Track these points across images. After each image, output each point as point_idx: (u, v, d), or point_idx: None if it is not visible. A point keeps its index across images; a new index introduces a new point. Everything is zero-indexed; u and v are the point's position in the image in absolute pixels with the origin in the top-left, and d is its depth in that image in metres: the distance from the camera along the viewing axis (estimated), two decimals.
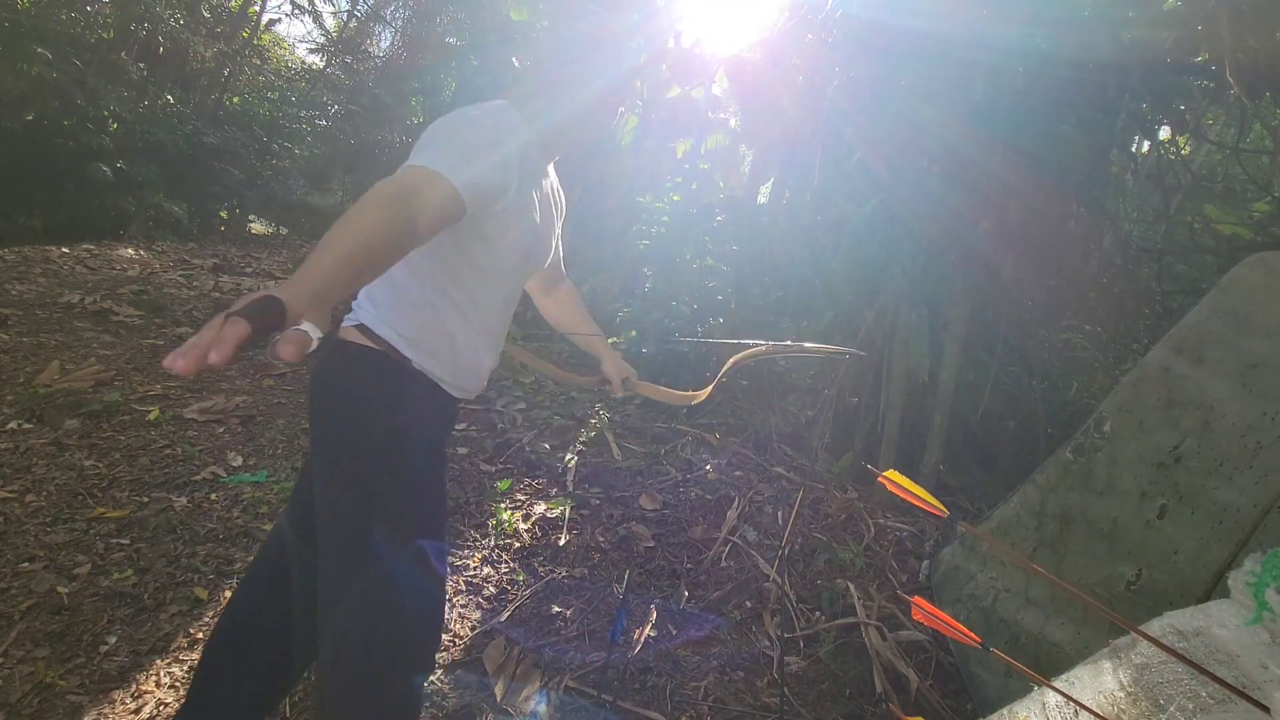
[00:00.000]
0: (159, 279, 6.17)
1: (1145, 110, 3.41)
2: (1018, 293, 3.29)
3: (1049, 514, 1.99)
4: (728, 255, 4.62)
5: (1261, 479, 1.49)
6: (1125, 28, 2.86)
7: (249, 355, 4.36)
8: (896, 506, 2.97)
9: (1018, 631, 1.90)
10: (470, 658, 1.88)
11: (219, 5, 11.31)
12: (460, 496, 2.72)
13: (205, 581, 2.06)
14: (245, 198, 10.67)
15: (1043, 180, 2.98)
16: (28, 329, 4.12)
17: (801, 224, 4.08)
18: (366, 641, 1.09)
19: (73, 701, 1.58)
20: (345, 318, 1.22)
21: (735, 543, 2.56)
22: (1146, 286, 3.52)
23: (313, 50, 14.56)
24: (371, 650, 1.09)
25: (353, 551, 1.11)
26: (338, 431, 1.15)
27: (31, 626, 1.78)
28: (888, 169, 3.18)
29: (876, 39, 3.34)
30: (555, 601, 2.15)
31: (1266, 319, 1.62)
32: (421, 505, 1.16)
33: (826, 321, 3.62)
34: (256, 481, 2.67)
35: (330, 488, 1.15)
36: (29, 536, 2.13)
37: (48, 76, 7.29)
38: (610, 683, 1.84)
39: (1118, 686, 0.92)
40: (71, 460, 2.62)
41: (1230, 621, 0.88)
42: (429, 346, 1.18)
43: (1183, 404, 1.71)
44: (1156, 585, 1.61)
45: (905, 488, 0.80)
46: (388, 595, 1.10)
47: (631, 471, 3.08)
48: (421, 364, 1.17)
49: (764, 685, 1.93)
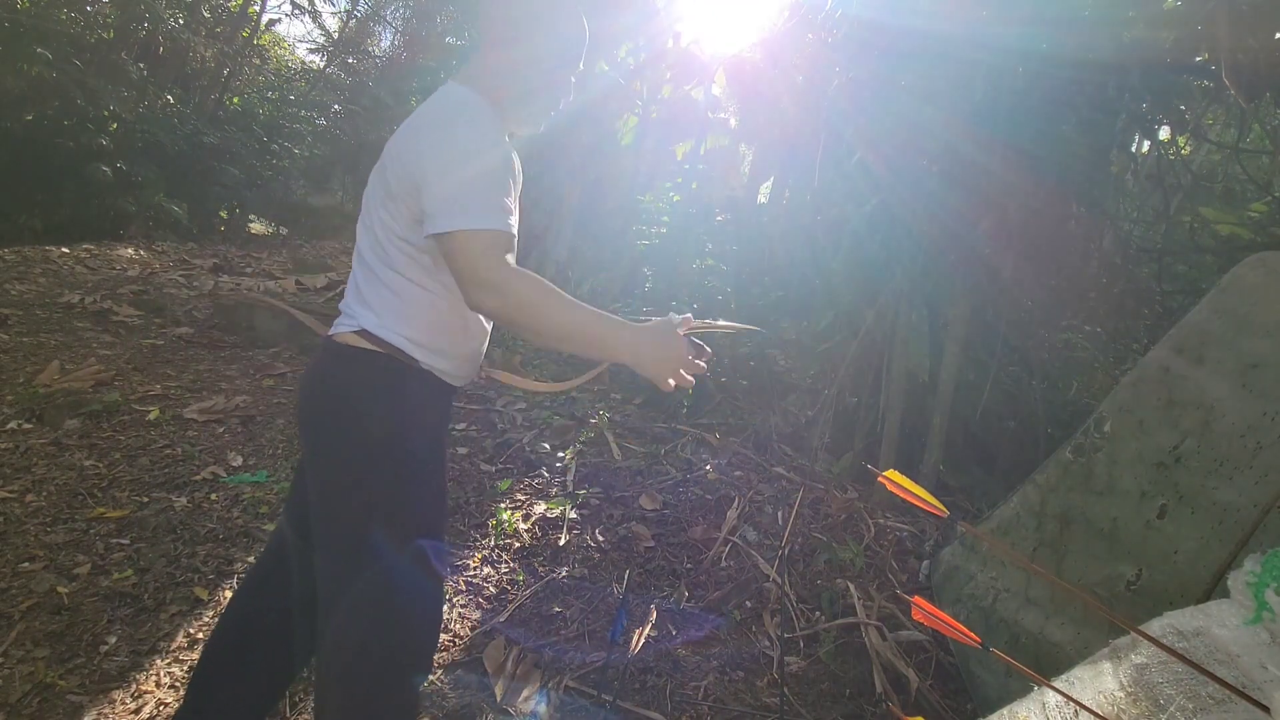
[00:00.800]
0: (159, 279, 6.17)
1: (1145, 110, 3.41)
2: (1018, 293, 3.29)
3: (1049, 514, 1.99)
4: (728, 255, 4.62)
5: (1261, 479, 1.49)
6: (1125, 28, 2.86)
7: (248, 355, 4.36)
8: (896, 506, 2.97)
9: (1018, 631, 1.90)
10: (470, 658, 1.88)
11: (219, 5, 11.31)
12: (460, 496, 2.72)
13: (205, 581, 2.06)
14: (245, 198, 10.67)
15: (1043, 180, 2.98)
16: (28, 329, 4.13)
17: (801, 224, 4.09)
18: (365, 642, 1.10)
19: (73, 701, 1.58)
20: (338, 323, 1.20)
21: (735, 543, 2.56)
22: (1146, 286, 3.52)
23: (313, 50, 14.57)
24: (369, 651, 1.10)
25: (353, 553, 1.12)
26: (338, 434, 1.14)
27: (31, 626, 1.78)
28: (888, 169, 3.18)
29: (876, 39, 3.34)
30: (555, 601, 2.15)
31: (1266, 319, 1.62)
32: (422, 505, 1.16)
33: (826, 321, 3.62)
34: (256, 481, 2.67)
35: (330, 490, 1.15)
36: (29, 536, 2.13)
37: (48, 76, 7.29)
38: (610, 683, 1.84)
39: (1118, 686, 0.92)
40: (71, 460, 2.62)
41: (1230, 621, 0.88)
42: (435, 344, 1.18)
43: (1183, 404, 1.71)
44: (1156, 585, 1.61)
45: (905, 488, 0.80)
46: (386, 596, 1.10)
47: (631, 471, 3.08)
48: (429, 363, 1.17)
49: (764, 685, 1.93)
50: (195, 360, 4.09)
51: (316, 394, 1.18)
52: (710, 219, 4.87)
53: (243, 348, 4.47)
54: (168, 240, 8.59)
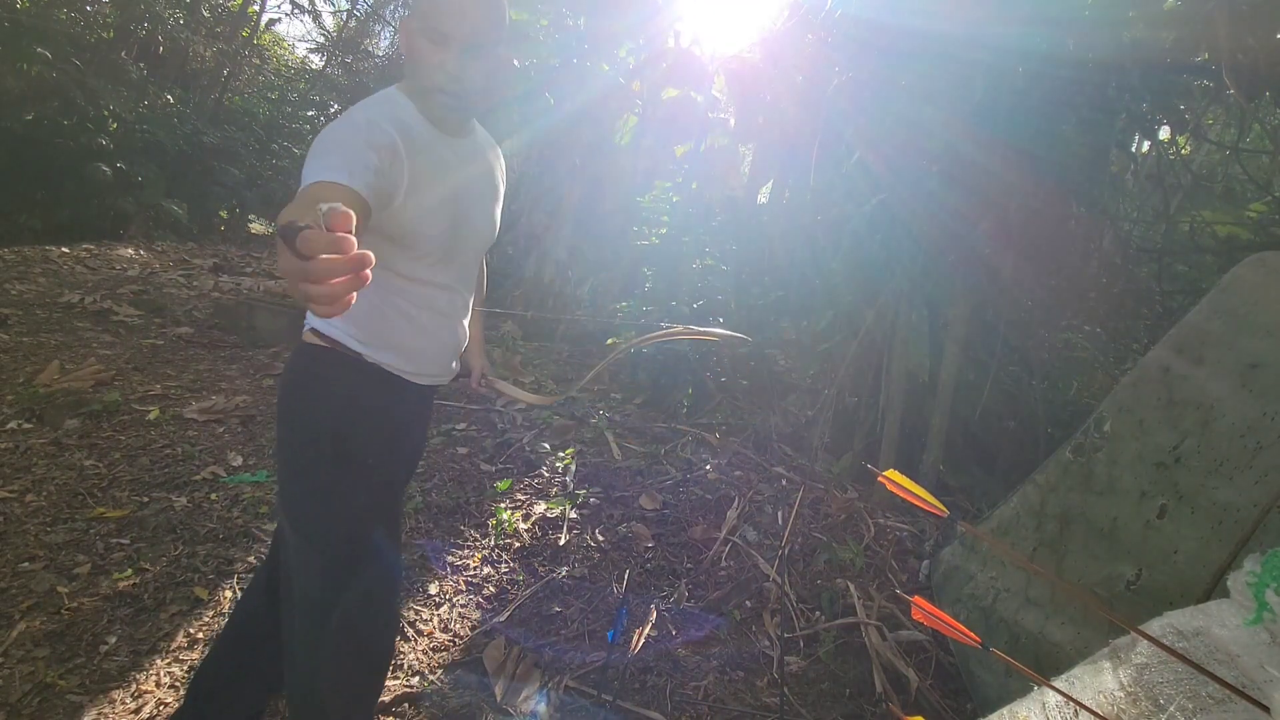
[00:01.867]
0: (159, 279, 6.17)
1: (1145, 110, 3.41)
2: (1018, 293, 3.29)
3: (1049, 514, 1.99)
4: (728, 255, 4.61)
5: (1261, 479, 1.48)
6: (1125, 27, 2.85)
7: (248, 355, 4.36)
8: (896, 506, 2.97)
9: (1018, 631, 1.90)
10: (470, 658, 1.88)
11: (219, 5, 11.31)
12: (460, 496, 2.72)
13: (205, 581, 2.06)
14: (245, 198, 10.67)
15: (1043, 180, 2.97)
16: (28, 329, 4.13)
17: (801, 224, 4.08)
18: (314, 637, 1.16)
19: (73, 701, 1.58)
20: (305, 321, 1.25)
21: (735, 543, 2.56)
22: (1146, 286, 3.51)
23: (312, 50, 14.57)
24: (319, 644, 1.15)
25: (299, 540, 1.18)
26: (285, 425, 1.20)
27: (31, 626, 1.78)
28: (888, 169, 3.18)
29: (876, 39, 3.34)
30: (555, 601, 2.15)
31: (1266, 319, 1.62)
32: (360, 498, 1.19)
33: (826, 321, 3.62)
34: (256, 481, 2.67)
35: (280, 477, 1.22)
36: (29, 536, 2.13)
37: (48, 76, 7.30)
38: (610, 683, 1.84)
39: (1118, 686, 0.92)
40: (71, 460, 2.62)
41: (1230, 621, 0.88)
42: (378, 338, 1.18)
43: (1183, 404, 1.71)
44: (1156, 585, 1.61)
45: (905, 488, 0.80)
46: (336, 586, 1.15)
47: (631, 471, 3.08)
48: (376, 357, 1.19)
49: (764, 685, 1.93)
50: (195, 360, 4.09)
51: (278, 388, 1.24)
52: (710, 219, 4.86)
53: (243, 348, 4.47)
54: (168, 240, 8.59)
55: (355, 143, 1.02)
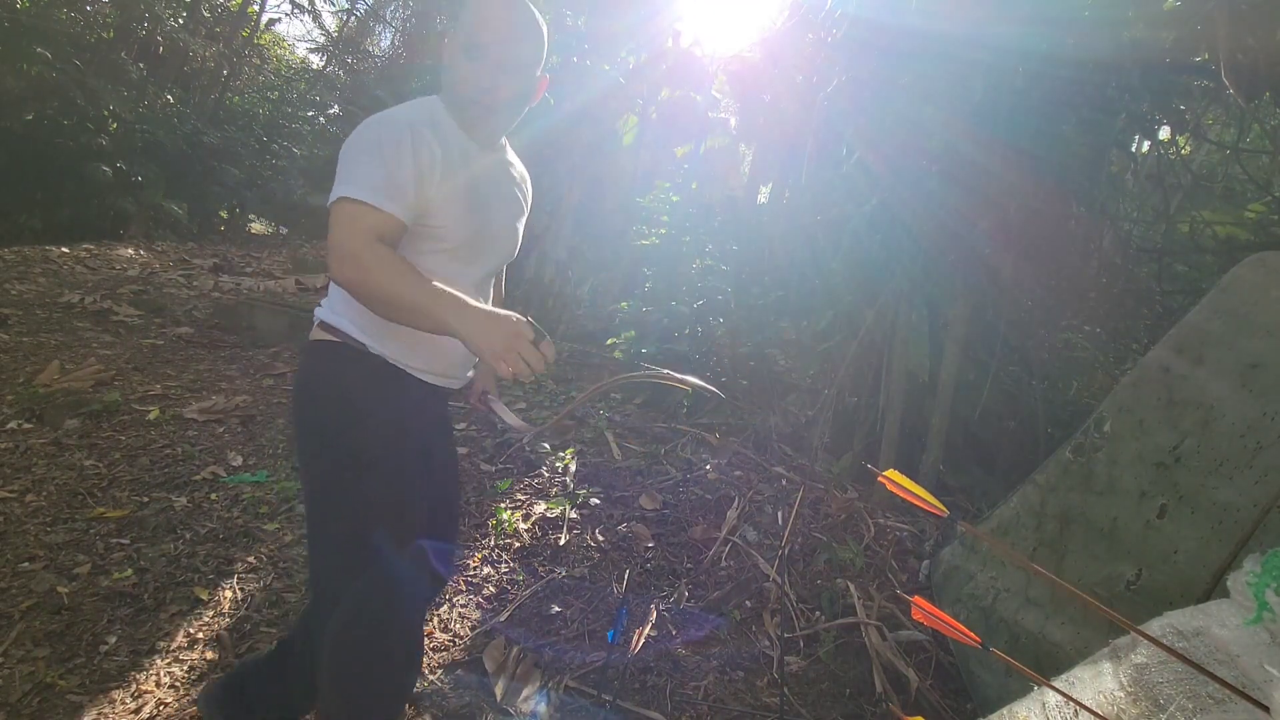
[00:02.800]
0: (159, 279, 6.17)
1: (1145, 110, 3.40)
2: (1018, 293, 3.29)
3: (1049, 514, 1.99)
4: (728, 255, 4.61)
5: (1261, 479, 1.49)
6: (1125, 28, 2.85)
7: (248, 355, 4.36)
8: (896, 506, 2.97)
9: (1018, 631, 1.90)
10: (470, 658, 1.88)
11: (219, 5, 11.31)
12: (460, 496, 2.72)
13: (205, 581, 2.06)
14: (245, 198, 10.67)
15: (1043, 180, 2.97)
16: (28, 329, 4.13)
17: (801, 224, 4.08)
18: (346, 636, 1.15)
19: (73, 701, 1.58)
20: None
21: (735, 543, 2.56)
22: (1146, 286, 3.51)
23: (313, 50, 14.57)
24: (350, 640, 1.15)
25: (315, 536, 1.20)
26: (298, 422, 1.23)
27: (31, 626, 1.78)
28: (888, 169, 3.17)
29: (876, 39, 3.34)
30: (555, 601, 2.15)
31: (1266, 319, 1.62)
32: (372, 494, 1.18)
33: (826, 321, 3.61)
34: (256, 481, 2.67)
35: (303, 475, 1.24)
36: (29, 536, 2.13)
37: (48, 76, 7.30)
38: (610, 683, 1.84)
39: (1118, 686, 0.92)
40: (71, 460, 2.62)
41: (1230, 621, 0.88)
42: (380, 328, 1.18)
43: (1183, 404, 1.71)
44: (1156, 585, 1.61)
45: (905, 487, 0.80)
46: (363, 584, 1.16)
47: (631, 471, 3.08)
48: (379, 349, 1.19)
49: (764, 685, 1.93)
50: (195, 360, 4.09)
51: (293, 386, 1.26)
52: (710, 219, 4.86)
53: (243, 348, 4.47)
54: (168, 240, 8.60)
55: (396, 149, 1.08)
